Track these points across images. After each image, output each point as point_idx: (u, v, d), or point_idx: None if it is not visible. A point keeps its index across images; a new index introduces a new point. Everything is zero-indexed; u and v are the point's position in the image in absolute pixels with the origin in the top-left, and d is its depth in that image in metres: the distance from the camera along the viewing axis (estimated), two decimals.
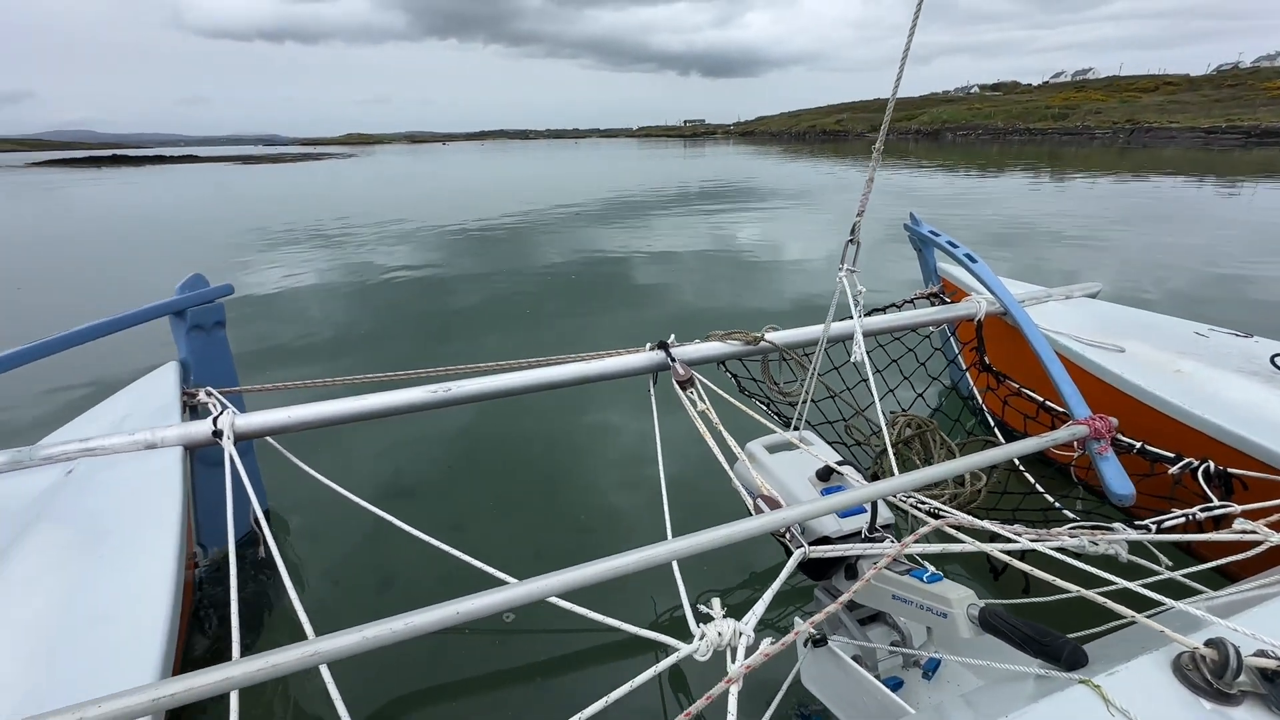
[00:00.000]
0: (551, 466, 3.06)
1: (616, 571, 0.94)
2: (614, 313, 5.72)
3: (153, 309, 2.15)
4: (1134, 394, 2.07)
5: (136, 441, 1.57)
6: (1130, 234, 9.11)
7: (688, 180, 20.24)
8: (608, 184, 19.56)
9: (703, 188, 17.60)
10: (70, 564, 1.16)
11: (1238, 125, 43.36)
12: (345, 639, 0.78)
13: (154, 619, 1.02)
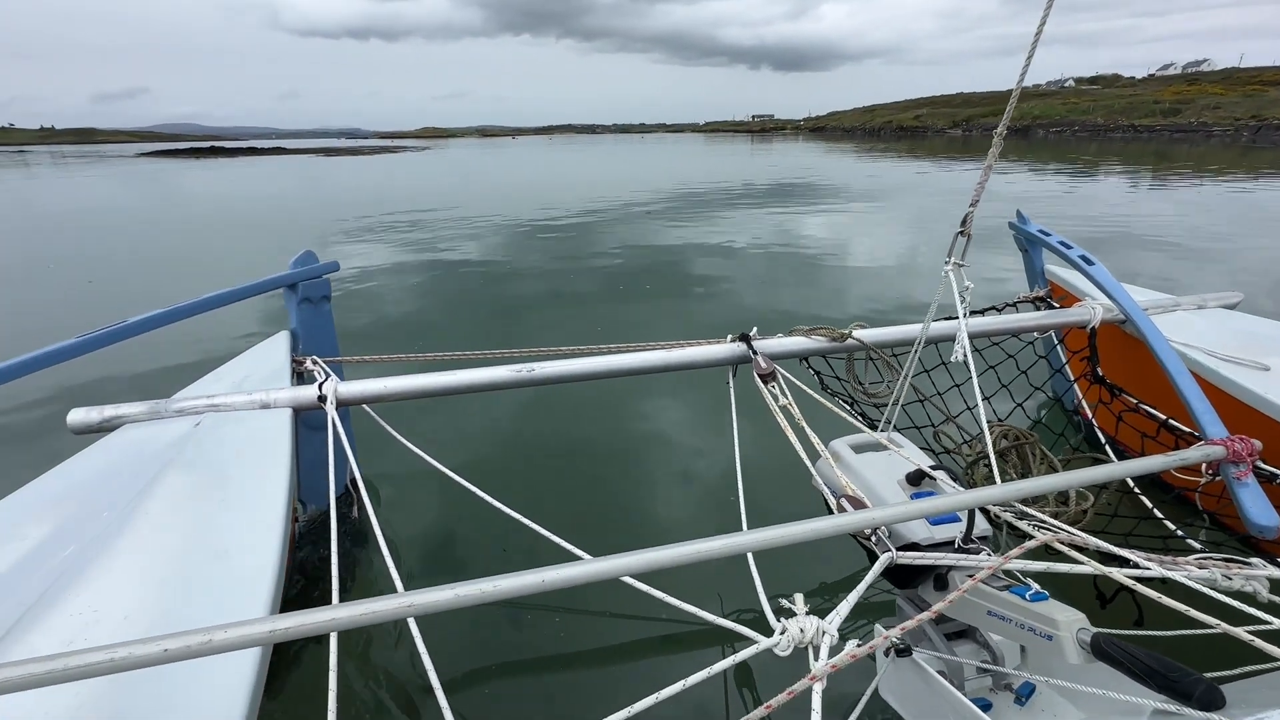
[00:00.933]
0: (624, 454, 3.09)
1: (695, 557, 0.92)
2: (686, 307, 5.71)
3: (270, 281, 2.34)
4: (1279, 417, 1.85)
5: (253, 401, 1.73)
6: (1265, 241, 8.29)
7: (754, 177, 19.91)
8: (674, 179, 19.52)
9: (770, 185, 17.27)
10: (197, 505, 1.28)
11: None
12: (438, 594, 0.81)
13: (266, 559, 1.12)
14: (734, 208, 12.46)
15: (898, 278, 6.76)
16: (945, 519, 1.26)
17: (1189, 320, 2.28)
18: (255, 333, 2.38)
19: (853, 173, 21.06)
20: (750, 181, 18.23)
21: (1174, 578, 1.07)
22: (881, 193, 15.00)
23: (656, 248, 8.43)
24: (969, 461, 2.13)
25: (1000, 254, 6.67)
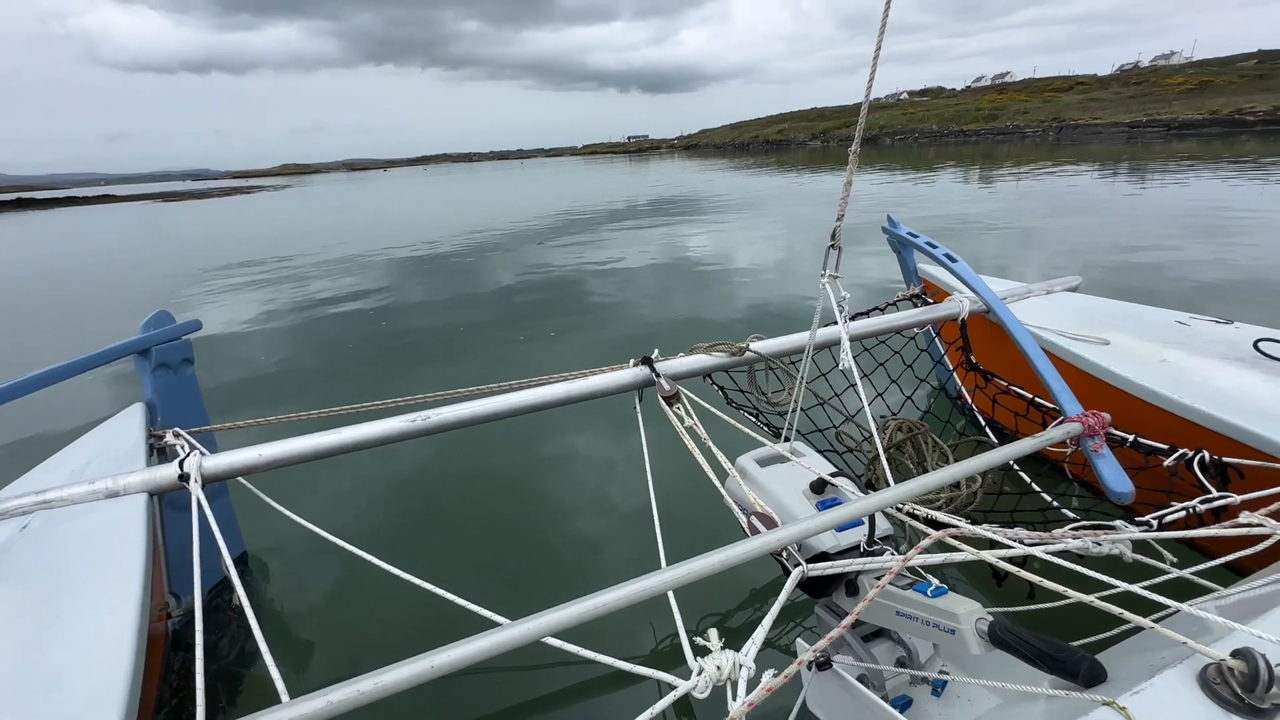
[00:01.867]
0: (534, 496, 2.97)
1: (610, 607, 0.89)
2: (587, 331, 5.65)
3: (116, 349, 2.08)
4: (1123, 386, 2.08)
5: (97, 490, 1.48)
6: (1080, 224, 9.58)
7: (636, 195, 20.40)
8: (557, 202, 19.56)
9: (654, 202, 17.75)
10: (21, 626, 1.10)
11: (1157, 119, 46.69)
12: (307, 705, 0.75)
13: (113, 679, 0.97)
14: (621, 226, 12.66)
15: (786, 281, 7.12)
16: (851, 524, 1.29)
17: (1040, 305, 2.56)
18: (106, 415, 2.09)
19: (730, 186, 22.15)
20: (634, 200, 18.65)
21: (1036, 553, 1.13)
22: (760, 203, 15.87)
23: (550, 272, 8.35)
24: (870, 458, 2.22)
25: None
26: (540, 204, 19.47)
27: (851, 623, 1.06)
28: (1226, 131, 38.08)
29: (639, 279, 7.61)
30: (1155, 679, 0.78)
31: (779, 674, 0.89)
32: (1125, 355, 2.18)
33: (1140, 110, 51.90)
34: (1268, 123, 39.78)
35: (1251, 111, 42.70)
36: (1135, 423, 1.99)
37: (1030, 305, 2.54)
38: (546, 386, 1.87)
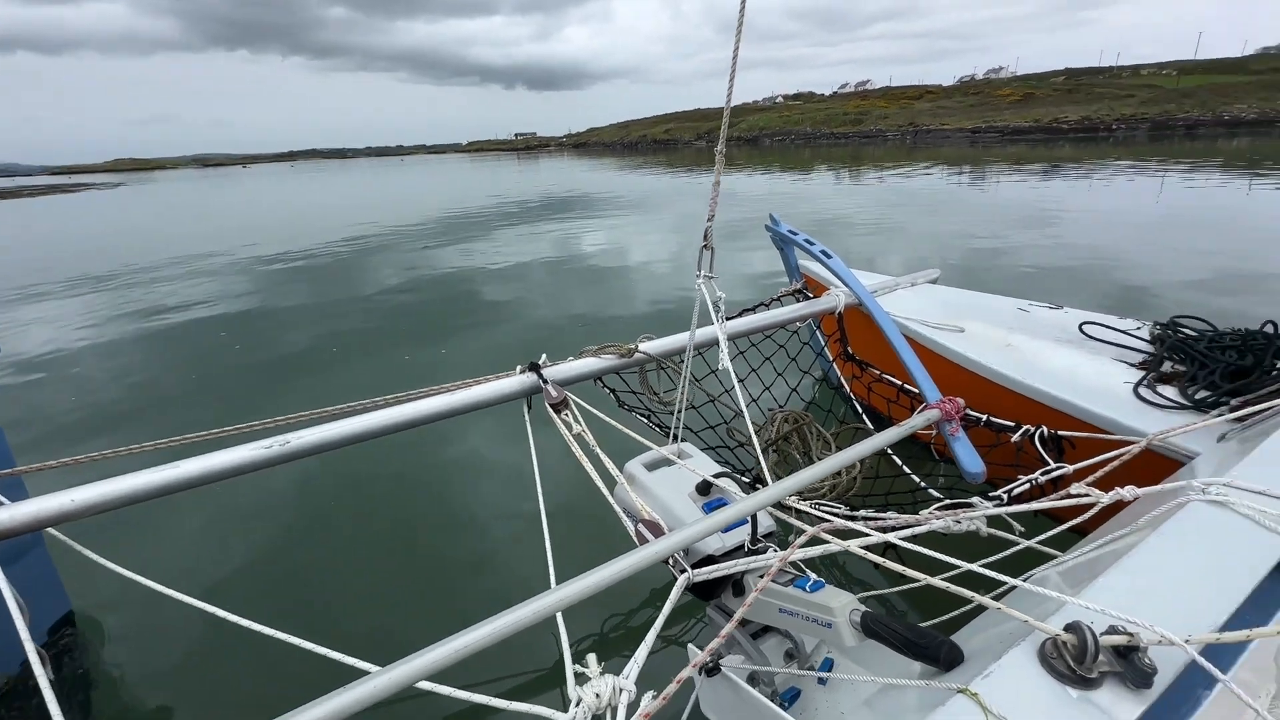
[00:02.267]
0: (418, 518, 2.80)
1: (489, 639, 0.84)
2: (473, 336, 5.43)
3: None
4: (976, 370, 2.30)
5: None
6: (935, 219, 10.55)
7: (527, 194, 20.03)
8: (444, 201, 18.75)
9: (545, 200, 17.50)
10: None
11: (994, 125, 52.57)
12: None
13: None
14: (513, 226, 12.36)
15: (679, 278, 7.25)
16: (736, 524, 1.29)
17: (905, 296, 2.78)
18: None
19: (621, 184, 22.30)
20: (524, 198, 18.28)
21: (899, 542, 1.20)
22: (651, 201, 16.09)
23: (439, 275, 7.97)
24: (760, 451, 2.29)
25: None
26: (425, 203, 18.58)
27: (734, 626, 1.06)
28: (1048, 137, 43.73)
29: (532, 280, 7.45)
30: (1003, 659, 0.82)
31: (659, 695, 0.87)
32: (978, 341, 2.41)
33: (980, 118, 58.28)
34: (1078, 130, 46.09)
35: (1065, 120, 49.32)
36: (988, 403, 2.19)
37: (897, 297, 2.75)
38: (426, 400, 1.74)
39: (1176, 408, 1.99)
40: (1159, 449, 1.74)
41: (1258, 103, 43.84)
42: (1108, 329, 2.49)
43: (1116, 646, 0.79)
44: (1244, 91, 47.07)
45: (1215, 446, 1.73)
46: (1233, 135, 34.21)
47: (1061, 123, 48.81)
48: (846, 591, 1.07)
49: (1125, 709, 0.75)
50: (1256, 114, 41.81)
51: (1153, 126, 43.34)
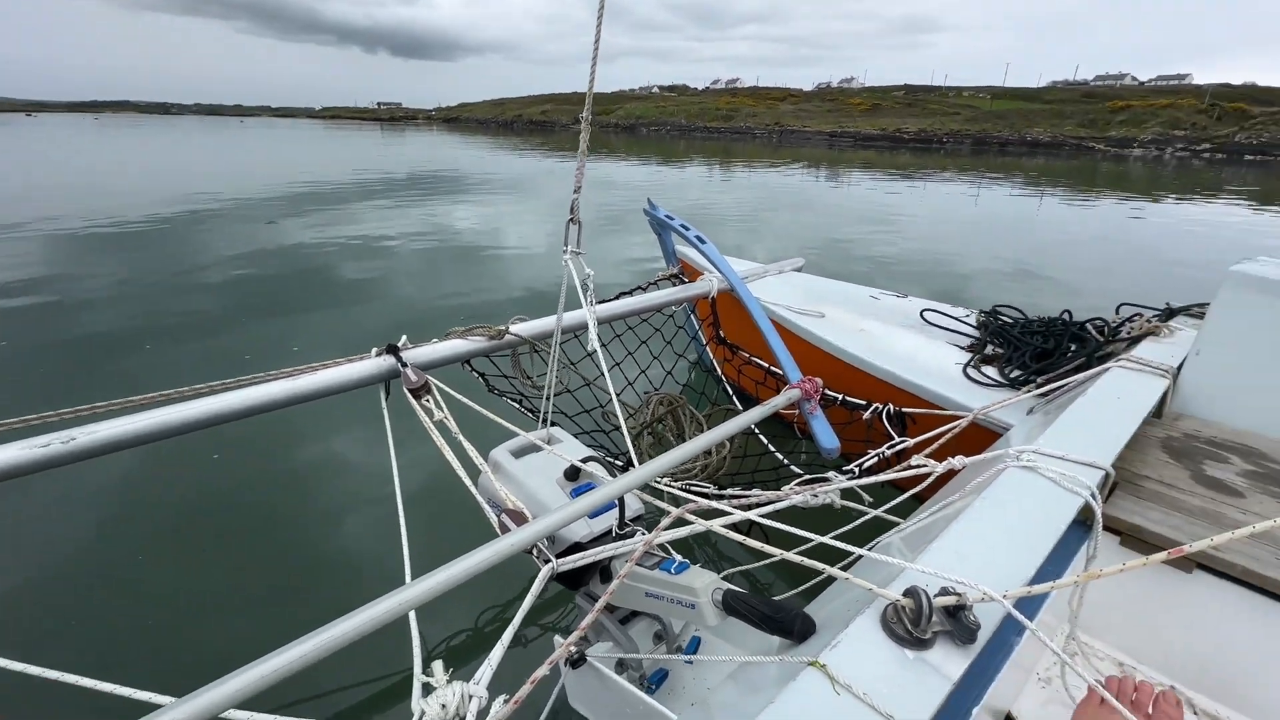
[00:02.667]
0: (259, 520, 2.49)
1: (316, 653, 0.72)
2: (328, 319, 4.95)
3: None
4: (834, 353, 2.46)
5: None
6: (798, 213, 11.25)
7: (392, 168, 18.68)
8: (298, 171, 16.95)
9: (413, 177, 16.42)
10: None
11: (848, 130, 57.22)
12: None
13: None
14: (376, 202, 11.42)
15: (555, 259, 7.10)
16: (603, 509, 1.27)
17: (773, 283, 2.93)
18: None
19: (495, 164, 21.49)
20: (390, 173, 17.00)
21: (759, 519, 1.23)
22: (527, 183, 15.65)
23: (289, 252, 7.15)
24: (634, 435, 2.30)
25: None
26: (272, 172, 16.66)
27: (599, 613, 1.04)
28: (892, 145, 48.44)
29: (398, 260, 6.94)
30: (849, 628, 0.87)
31: (510, 699, 0.82)
32: (836, 326, 2.59)
33: (836, 123, 63.26)
34: (917, 141, 51.56)
35: (906, 131, 54.96)
36: (844, 383, 2.35)
37: (765, 284, 2.89)
38: (262, 385, 1.53)
39: (996, 385, 2.27)
40: (983, 422, 1.96)
41: (1050, 128, 51.68)
42: (943, 315, 2.78)
43: (947, 607, 0.85)
44: (1040, 117, 55.27)
45: (1026, 419, 1.98)
46: (1033, 154, 40.01)
47: (903, 133, 54.36)
48: (710, 571, 1.08)
49: (954, 665, 0.81)
50: (1049, 137, 49.25)
51: (974, 142, 49.64)
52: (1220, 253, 8.67)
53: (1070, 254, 8.50)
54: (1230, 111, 46.72)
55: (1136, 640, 1.44)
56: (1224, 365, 1.89)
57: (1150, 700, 1.08)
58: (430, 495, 2.32)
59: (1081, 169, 27.77)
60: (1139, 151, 43.05)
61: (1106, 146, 45.10)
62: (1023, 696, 1.34)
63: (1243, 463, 1.66)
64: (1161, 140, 45.00)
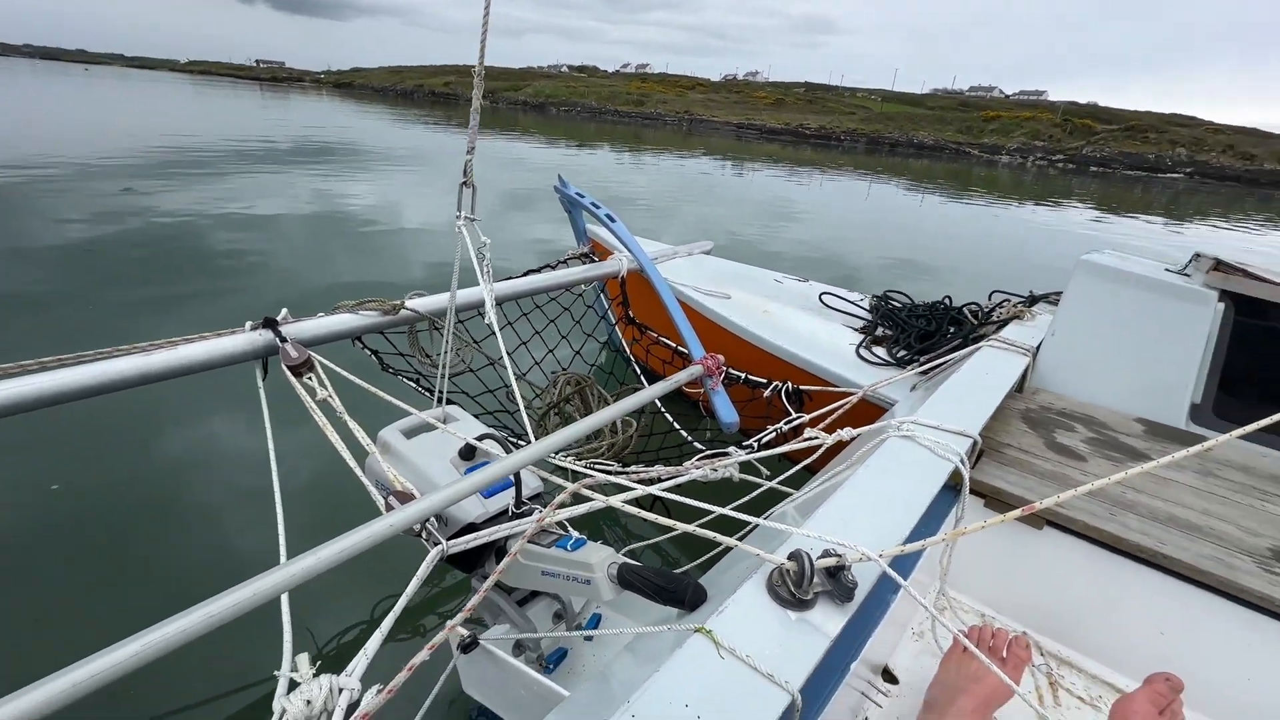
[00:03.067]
0: (113, 516, 2.24)
1: (155, 650, 0.64)
2: (196, 298, 4.47)
3: None
4: (738, 333, 2.54)
5: None
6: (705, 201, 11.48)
7: (275, 134, 17.16)
8: (161, 131, 15.14)
9: (300, 145, 15.16)
10: None
11: (755, 124, 58.97)
12: None
13: None
14: (257, 170, 10.42)
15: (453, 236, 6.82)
16: (499, 488, 1.23)
17: (682, 265, 2.98)
18: None
19: (395, 136, 20.27)
20: (271, 139, 15.58)
21: (661, 494, 1.25)
22: (429, 157, 14.90)
23: (150, 223, 6.35)
24: (540, 414, 2.26)
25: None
26: (130, 132, 14.77)
27: (489, 592, 1.01)
28: (795, 140, 50.56)
29: (282, 237, 6.38)
30: (737, 593, 0.89)
31: (384, 689, 0.78)
32: (741, 308, 2.68)
33: (743, 115, 65.04)
34: (818, 137, 54.14)
35: (808, 127, 57.50)
36: (747, 362, 2.43)
37: (674, 265, 2.94)
38: (112, 360, 1.35)
39: (884, 364, 2.43)
40: (871, 398, 2.10)
41: (934, 132, 55.97)
42: (840, 299, 2.95)
43: (828, 568, 0.90)
44: (925, 122, 59.68)
45: (909, 395, 2.14)
46: (919, 156, 43.18)
47: (805, 129, 56.85)
48: (607, 546, 1.08)
49: (833, 623, 0.86)
50: (933, 141, 53.34)
51: (868, 142, 52.79)
52: (1072, 247, 9.82)
53: (947, 247, 9.29)
54: (1080, 127, 52.67)
55: (996, 593, 1.60)
56: (1073, 345, 2.14)
57: (1005, 645, 1.21)
58: (315, 483, 2.17)
59: (959, 172, 30.32)
60: (1006, 159, 47.54)
61: (980, 152, 49.49)
62: (898, 651, 1.44)
63: (1086, 430, 1.89)
64: (1025, 149, 50.03)
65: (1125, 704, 1.10)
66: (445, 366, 1.66)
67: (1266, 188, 38.54)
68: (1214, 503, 1.55)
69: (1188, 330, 1.98)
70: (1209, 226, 16.32)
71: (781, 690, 0.75)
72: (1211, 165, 44.11)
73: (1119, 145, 48.39)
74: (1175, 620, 1.37)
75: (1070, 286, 2.13)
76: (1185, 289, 1.98)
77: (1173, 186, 33.55)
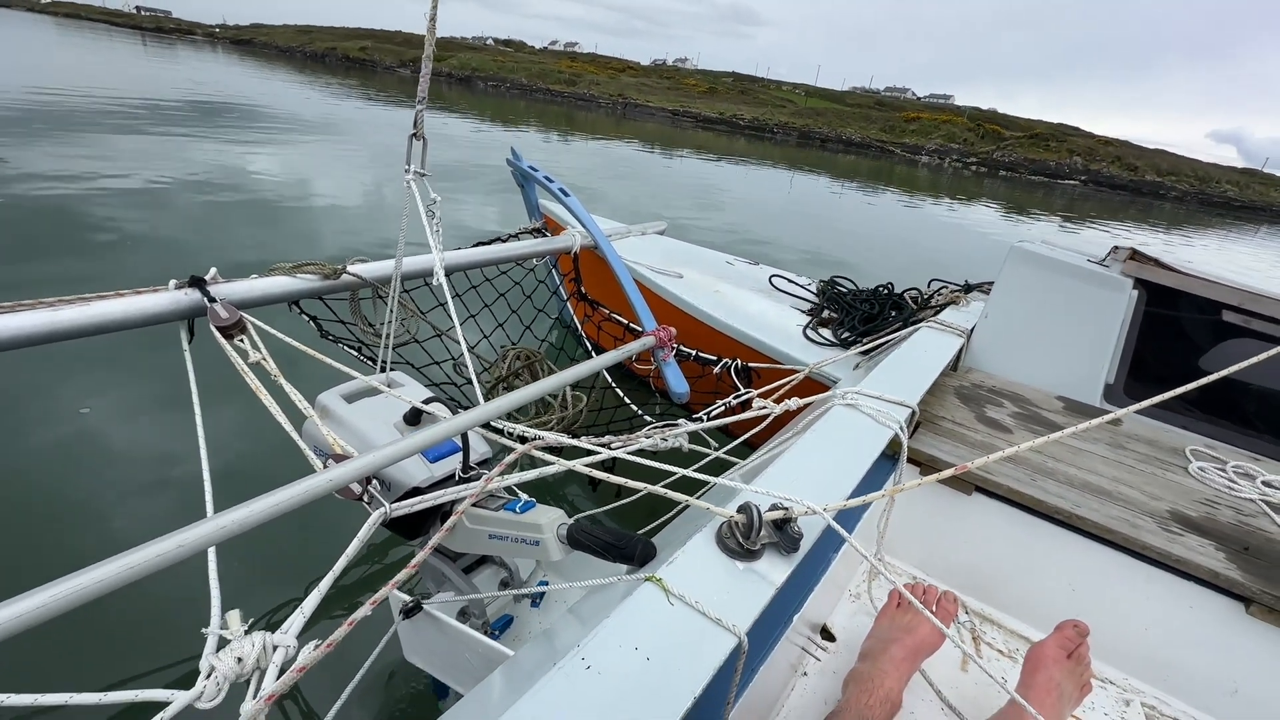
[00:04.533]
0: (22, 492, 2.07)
1: (58, 604, 0.60)
2: (71, 275, 4.05)
3: None
4: (690, 311, 2.61)
5: None
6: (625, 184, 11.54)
7: (161, 92, 15.77)
8: (12, 81, 13.56)
9: (191, 105, 14.00)
10: None
11: (690, 111, 59.53)
12: None
13: None
14: (141, 133, 9.51)
15: (377, 215, 6.54)
16: (445, 452, 1.24)
17: (636, 244, 3.03)
18: None
19: (301, 102, 19.05)
20: (157, 99, 14.26)
21: (619, 455, 1.29)
22: (341, 126, 14.13)
23: (10, 189, 5.67)
24: (488, 387, 2.24)
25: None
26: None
27: (434, 552, 1.01)
28: (729, 130, 51.50)
29: (176, 208, 5.86)
30: (686, 546, 0.94)
31: (323, 644, 0.77)
32: (693, 287, 2.75)
33: (677, 101, 65.51)
34: (751, 129, 55.42)
35: (741, 118, 58.73)
36: (699, 340, 2.50)
37: (628, 243, 2.99)
38: (16, 314, 1.24)
39: (829, 344, 2.56)
40: (816, 376, 2.21)
41: (860, 129, 58.60)
42: (789, 282, 3.08)
43: (775, 520, 0.96)
44: (852, 119, 62.36)
45: (851, 373, 2.28)
46: (847, 152, 45.06)
47: (739, 119, 58.04)
48: (556, 509, 1.10)
49: (779, 572, 0.92)
50: (860, 138, 55.86)
51: (800, 136, 54.59)
52: (994, 245, 10.58)
53: (870, 239, 9.80)
54: (990, 132, 56.58)
55: (926, 557, 1.74)
56: (1003, 327, 2.34)
57: (935, 600, 1.34)
58: (247, 453, 2.06)
59: (883, 169, 31.90)
60: (925, 159, 50.46)
61: (902, 151, 52.28)
62: (836, 611, 1.55)
63: (1012, 406, 2.08)
64: (943, 151, 53.27)
65: (1038, 650, 1.23)
66: (390, 331, 1.62)
67: (1147, 197, 42.96)
68: (1122, 471, 1.74)
69: (1104, 315, 2.19)
70: (1099, 229, 18.05)
71: (729, 633, 0.79)
72: (1102, 174, 48.62)
73: (1024, 151, 52.39)
74: (1086, 577, 1.53)
75: (1003, 271, 2.32)
76: (1104, 276, 2.20)
77: (1069, 193, 36.73)
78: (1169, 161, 52.88)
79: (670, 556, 0.91)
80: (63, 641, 1.61)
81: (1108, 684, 1.47)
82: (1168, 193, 46.15)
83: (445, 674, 1.24)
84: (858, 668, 1.24)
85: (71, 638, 1.62)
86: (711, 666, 0.75)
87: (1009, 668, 1.47)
